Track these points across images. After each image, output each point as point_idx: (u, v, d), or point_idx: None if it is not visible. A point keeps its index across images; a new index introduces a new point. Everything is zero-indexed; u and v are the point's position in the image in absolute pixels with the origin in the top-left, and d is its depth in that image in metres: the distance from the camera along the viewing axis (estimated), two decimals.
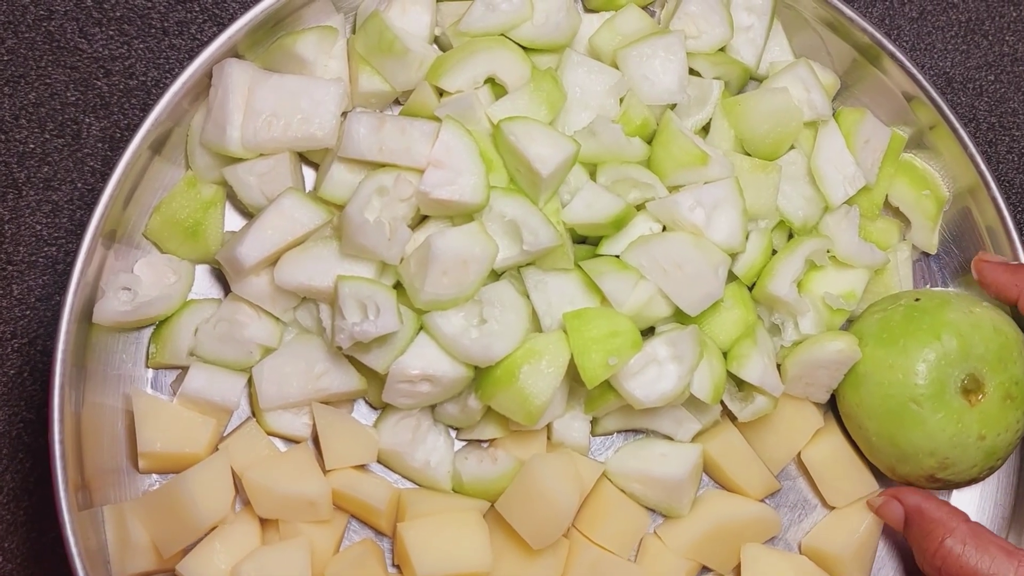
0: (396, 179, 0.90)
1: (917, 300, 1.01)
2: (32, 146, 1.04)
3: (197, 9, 1.07)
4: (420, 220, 0.94)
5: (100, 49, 1.06)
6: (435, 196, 0.89)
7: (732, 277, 0.98)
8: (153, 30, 1.07)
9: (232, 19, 0.95)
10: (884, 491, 1.01)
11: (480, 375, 0.92)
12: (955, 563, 0.91)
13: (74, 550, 0.85)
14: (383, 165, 0.91)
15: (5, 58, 1.04)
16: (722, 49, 1.03)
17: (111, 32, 1.06)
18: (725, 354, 0.97)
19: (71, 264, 0.88)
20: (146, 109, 0.91)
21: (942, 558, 0.92)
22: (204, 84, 0.94)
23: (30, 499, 1.00)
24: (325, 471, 0.94)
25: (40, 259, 1.03)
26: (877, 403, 0.98)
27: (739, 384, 0.99)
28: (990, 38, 1.20)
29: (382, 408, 0.97)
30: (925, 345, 0.97)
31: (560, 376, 0.91)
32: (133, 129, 0.91)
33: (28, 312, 1.02)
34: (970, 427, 0.96)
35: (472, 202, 0.90)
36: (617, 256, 0.95)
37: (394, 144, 0.90)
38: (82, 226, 0.89)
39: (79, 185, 1.04)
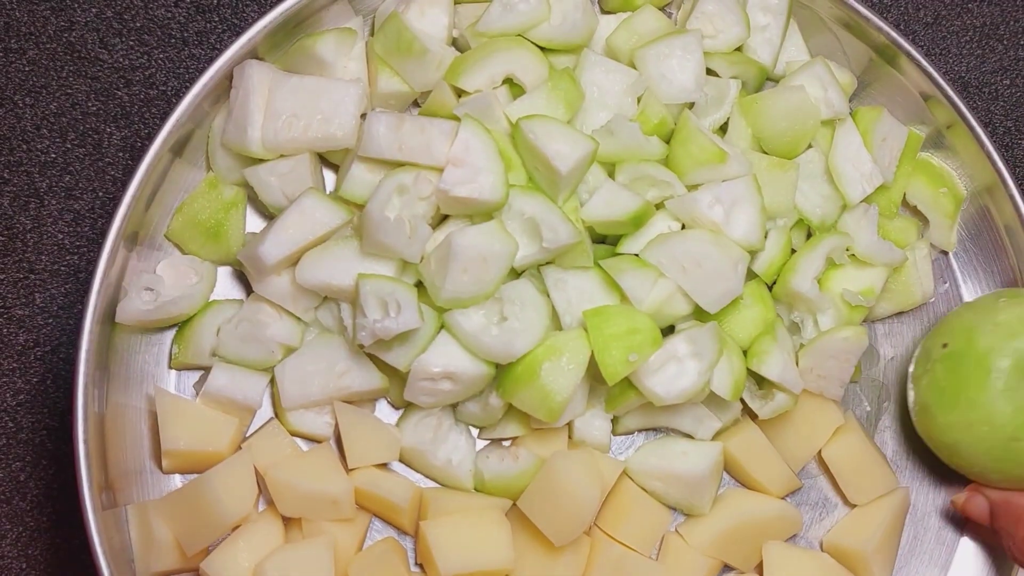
0: (416, 178, 0.90)
1: (945, 346, 0.97)
2: (54, 155, 1.04)
3: (216, 19, 1.08)
4: (441, 220, 0.95)
5: (121, 59, 1.07)
6: (455, 194, 0.90)
7: (751, 275, 0.99)
8: (173, 40, 1.07)
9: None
10: (968, 487, 1.00)
11: (501, 372, 0.92)
12: None
13: (99, 549, 0.85)
14: (403, 164, 0.91)
15: (27, 69, 1.05)
16: (739, 49, 1.03)
17: (131, 43, 1.07)
18: (745, 351, 0.97)
19: (94, 266, 0.89)
20: (166, 118, 0.92)
21: None
22: (225, 86, 0.95)
23: (53, 506, 1.01)
24: (348, 470, 0.94)
25: (62, 267, 1.03)
26: (983, 458, 0.96)
27: (759, 382, 0.99)
28: (1005, 42, 1.19)
29: (404, 407, 0.98)
30: (984, 387, 0.93)
31: (581, 373, 0.91)
32: (154, 138, 0.92)
33: (51, 320, 1.03)
34: None
35: (491, 200, 0.90)
36: (636, 254, 0.95)
37: (413, 143, 0.91)
38: (103, 234, 0.90)
39: (100, 194, 1.05)
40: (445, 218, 0.95)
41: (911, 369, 1.01)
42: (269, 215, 0.98)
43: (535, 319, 0.91)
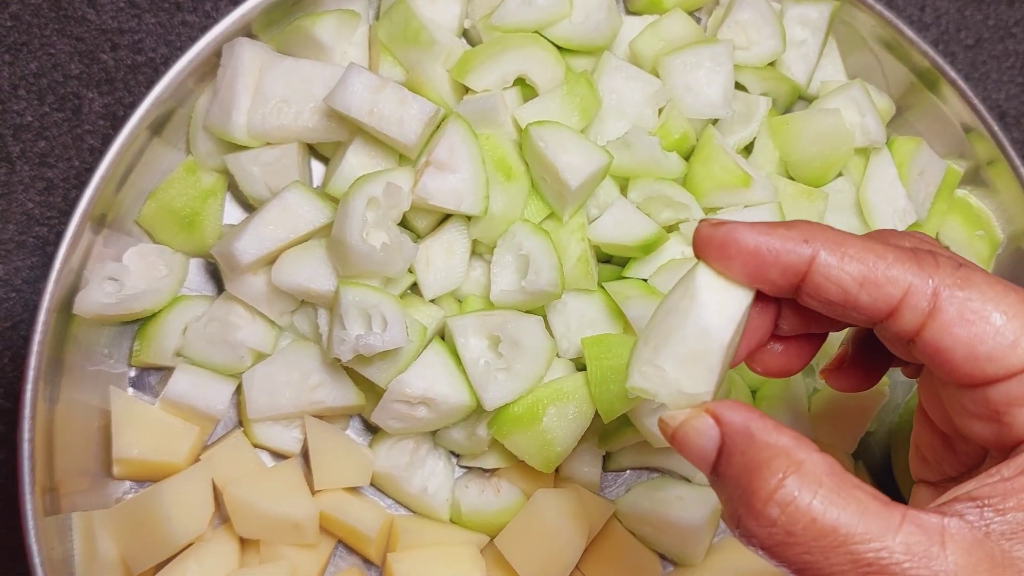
0: (385, 188, 0.83)
1: None
2: (30, 119, 0.98)
3: None
4: (440, 221, 0.88)
5: (108, 21, 1.00)
6: (432, 202, 0.84)
7: None
8: (166, 4, 1.01)
9: None
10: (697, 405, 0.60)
11: (498, 409, 0.86)
12: (801, 515, 0.54)
13: (36, 560, 0.79)
14: (362, 132, 0.85)
15: (8, 24, 0.99)
16: (772, 64, 0.97)
17: (121, 3, 1.00)
18: (754, 393, 0.91)
19: (55, 249, 0.83)
20: (150, 89, 0.86)
21: (781, 506, 0.54)
22: (213, 63, 0.88)
23: (1, 494, 0.94)
24: (314, 491, 0.88)
25: (30, 239, 0.97)
26: None
27: None
28: None
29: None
30: None
31: (587, 424, 0.85)
32: (131, 114, 0.86)
33: (13, 294, 0.97)
34: None
35: (469, 213, 0.85)
36: (645, 280, 0.88)
37: (387, 111, 0.84)
38: (71, 211, 0.84)
39: (76, 163, 0.98)
40: (442, 222, 0.88)
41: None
42: (250, 207, 0.91)
43: (529, 370, 0.85)
